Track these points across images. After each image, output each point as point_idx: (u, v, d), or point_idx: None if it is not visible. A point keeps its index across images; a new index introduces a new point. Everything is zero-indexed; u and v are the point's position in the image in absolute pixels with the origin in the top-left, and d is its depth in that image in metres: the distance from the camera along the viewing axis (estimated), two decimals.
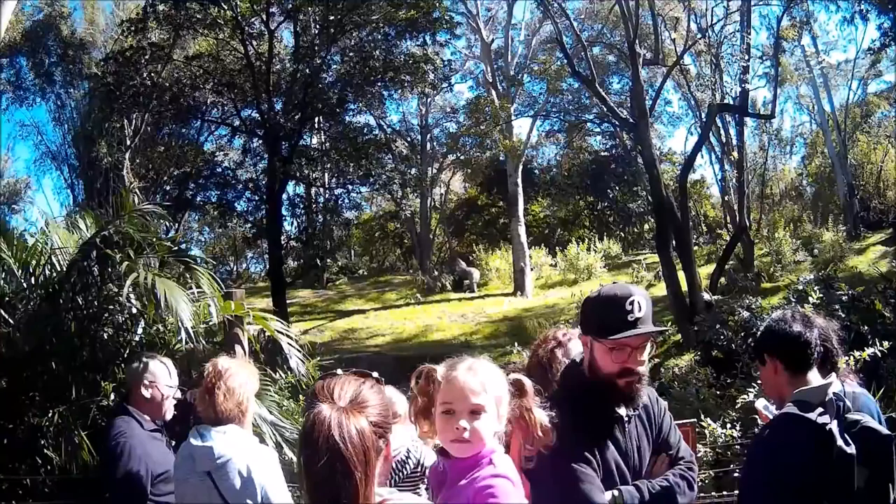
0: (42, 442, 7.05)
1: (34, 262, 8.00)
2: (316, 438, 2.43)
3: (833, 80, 43.55)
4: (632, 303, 3.75)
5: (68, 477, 6.88)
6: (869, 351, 9.34)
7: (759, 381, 11.19)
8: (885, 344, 9.99)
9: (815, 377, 4.09)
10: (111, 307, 7.76)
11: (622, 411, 3.84)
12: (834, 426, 3.70)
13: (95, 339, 7.59)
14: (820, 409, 3.78)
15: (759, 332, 4.46)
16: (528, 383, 3.35)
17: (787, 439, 3.84)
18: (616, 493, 3.65)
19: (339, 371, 2.77)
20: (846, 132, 41.26)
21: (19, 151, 76.09)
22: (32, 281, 7.95)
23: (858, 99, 45.58)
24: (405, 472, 4.99)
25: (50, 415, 7.02)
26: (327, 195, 34.62)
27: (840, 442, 3.65)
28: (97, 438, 6.78)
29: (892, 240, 30.72)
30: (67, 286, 7.52)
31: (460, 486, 3.00)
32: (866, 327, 14.07)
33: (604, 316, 3.81)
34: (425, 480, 4.69)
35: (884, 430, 3.89)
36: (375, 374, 2.82)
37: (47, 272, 7.96)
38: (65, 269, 7.75)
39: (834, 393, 3.89)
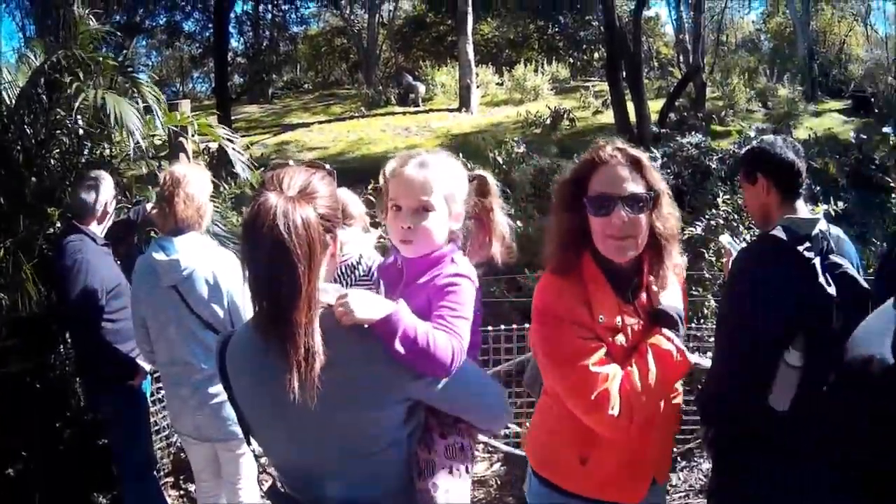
0: None
1: None
2: (259, 228, 2.32)
3: None
4: None
5: (17, 316, 6.85)
6: (824, 207, 9.53)
7: (706, 217, 11.46)
8: (839, 205, 10.22)
9: (802, 207, 4.11)
10: (58, 132, 7.71)
11: None
12: (817, 262, 3.72)
13: (43, 167, 7.57)
14: (807, 244, 3.77)
15: (748, 151, 4.38)
16: (492, 181, 3.28)
17: (773, 269, 3.83)
18: None
19: (291, 162, 2.63)
20: (810, 1, 40.60)
21: None
22: None
23: None
24: (355, 277, 4.88)
25: None
26: (275, 11, 34.10)
27: (822, 280, 3.67)
28: (44, 270, 6.82)
29: (851, 111, 30.36)
30: (16, 118, 7.44)
31: (419, 284, 2.85)
32: (818, 188, 14.29)
33: None
34: (374, 288, 4.10)
35: (864, 283, 3.84)
36: (328, 167, 2.71)
37: None
38: (14, 101, 7.61)
39: (821, 229, 3.88)
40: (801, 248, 3.74)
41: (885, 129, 19.54)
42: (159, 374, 5.97)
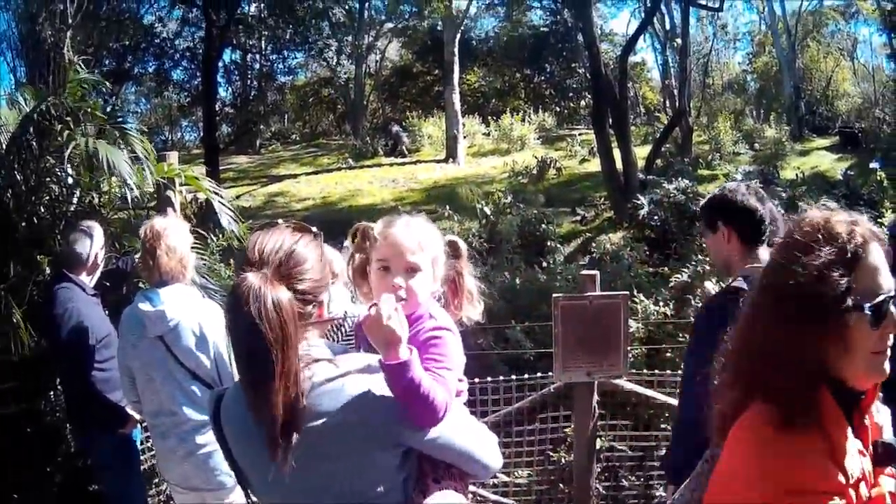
0: None
1: None
2: (236, 310, 2.38)
3: None
4: None
5: (8, 359, 6.88)
6: None
7: (692, 263, 11.47)
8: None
9: (765, 254, 3.97)
10: (48, 179, 7.77)
11: None
12: None
13: (33, 214, 7.61)
14: None
15: (709, 198, 4.38)
16: (463, 246, 3.29)
17: (734, 311, 3.49)
18: None
19: (280, 221, 2.71)
20: (796, 37, 40.90)
21: None
22: None
23: (812, 7, 45.10)
24: (342, 334, 4.83)
25: None
26: (262, 61, 34.32)
27: None
28: (35, 315, 6.85)
29: (839, 147, 30.51)
30: (6, 163, 7.49)
31: None
32: None
33: None
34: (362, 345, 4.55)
35: None
36: (314, 229, 2.76)
37: None
38: (5, 146, 7.67)
39: None
40: None
41: (873, 165, 19.65)
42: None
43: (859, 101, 42.96)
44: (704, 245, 6.68)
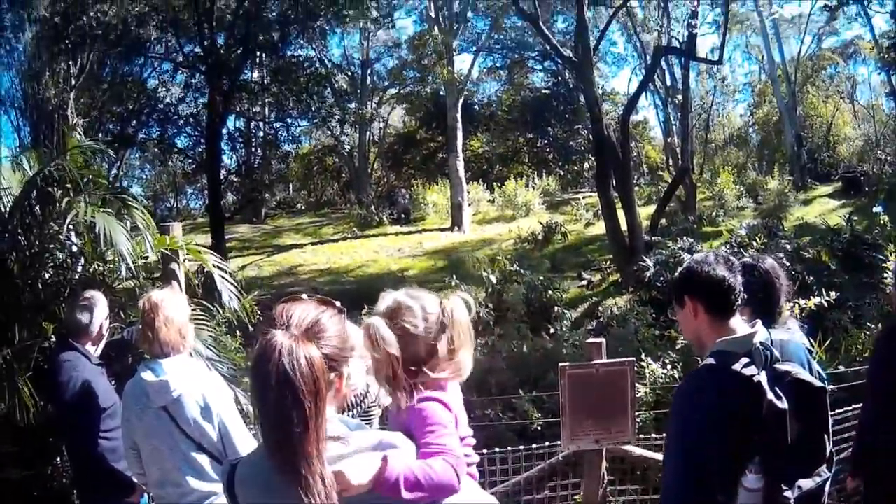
0: None
1: None
2: (265, 366, 2.41)
3: (784, 31, 43.18)
4: None
5: (12, 423, 6.89)
6: (815, 300, 9.52)
7: None
8: (832, 294, 10.21)
9: (738, 324, 3.86)
10: (52, 246, 7.77)
11: None
12: (763, 378, 3.59)
13: (37, 279, 7.59)
14: (745, 360, 3.65)
15: (678, 272, 4.19)
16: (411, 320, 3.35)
17: (709, 392, 3.67)
18: None
19: (305, 296, 2.76)
20: (796, 84, 41.04)
21: None
22: None
23: (810, 53, 45.37)
24: (364, 406, 4.92)
25: None
26: (266, 129, 34.53)
27: (770, 396, 3.53)
28: (39, 381, 6.85)
29: (841, 193, 30.74)
30: (10, 226, 7.51)
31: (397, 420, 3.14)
32: (811, 278, 14.33)
33: None
34: (378, 411, 4.85)
35: (816, 381, 3.83)
36: (338, 304, 2.80)
37: None
38: (8, 209, 7.72)
39: (760, 342, 3.76)
40: (739, 368, 3.63)
41: (876, 209, 19.72)
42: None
43: (860, 143, 43.33)
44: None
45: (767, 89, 45.98)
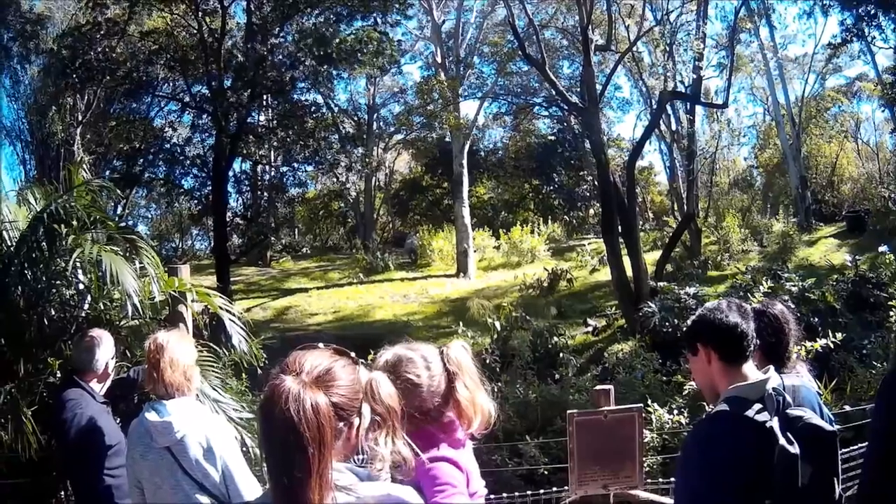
0: None
1: None
2: (272, 410, 2.43)
3: (789, 72, 43.14)
4: None
5: (16, 456, 6.89)
6: (821, 342, 9.52)
7: None
8: (838, 336, 10.19)
9: (750, 370, 3.86)
10: (58, 282, 7.76)
11: None
12: (775, 423, 3.58)
13: (43, 315, 7.58)
14: (758, 406, 3.65)
15: (691, 320, 4.15)
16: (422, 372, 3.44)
17: (722, 438, 3.69)
18: None
19: (321, 345, 2.77)
20: (800, 125, 40.90)
21: None
22: None
23: (814, 92, 45.30)
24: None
25: None
26: (273, 172, 34.64)
27: (783, 441, 3.52)
28: (43, 416, 6.84)
29: (846, 233, 30.79)
30: (16, 261, 7.51)
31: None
32: (816, 319, 14.33)
33: None
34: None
35: (827, 426, 3.78)
36: (353, 354, 2.81)
37: None
38: (14, 243, 7.74)
39: (773, 388, 3.73)
40: (752, 414, 3.65)
41: (881, 249, 19.76)
42: None
43: (864, 182, 43.51)
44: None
45: (772, 131, 46.27)
